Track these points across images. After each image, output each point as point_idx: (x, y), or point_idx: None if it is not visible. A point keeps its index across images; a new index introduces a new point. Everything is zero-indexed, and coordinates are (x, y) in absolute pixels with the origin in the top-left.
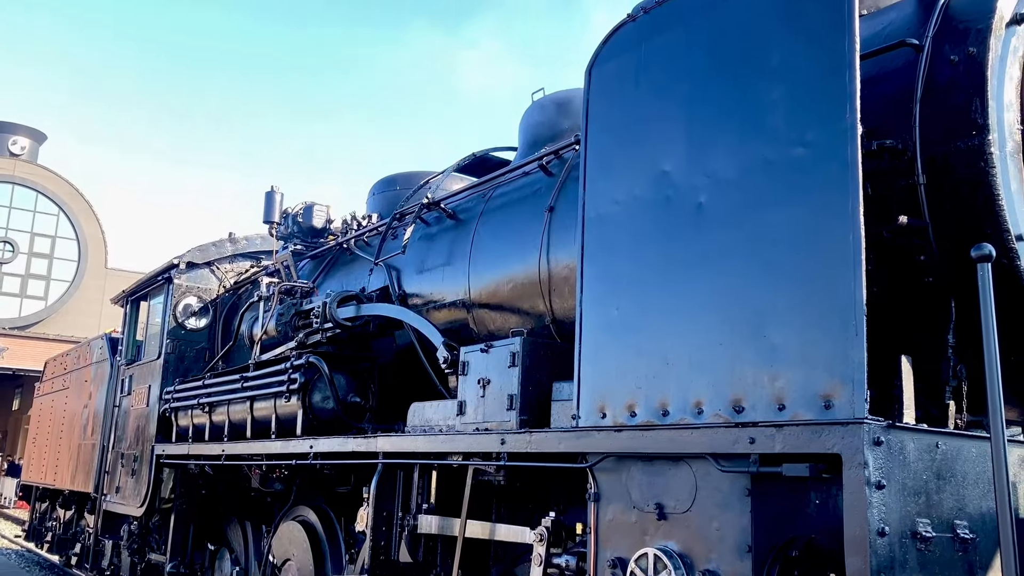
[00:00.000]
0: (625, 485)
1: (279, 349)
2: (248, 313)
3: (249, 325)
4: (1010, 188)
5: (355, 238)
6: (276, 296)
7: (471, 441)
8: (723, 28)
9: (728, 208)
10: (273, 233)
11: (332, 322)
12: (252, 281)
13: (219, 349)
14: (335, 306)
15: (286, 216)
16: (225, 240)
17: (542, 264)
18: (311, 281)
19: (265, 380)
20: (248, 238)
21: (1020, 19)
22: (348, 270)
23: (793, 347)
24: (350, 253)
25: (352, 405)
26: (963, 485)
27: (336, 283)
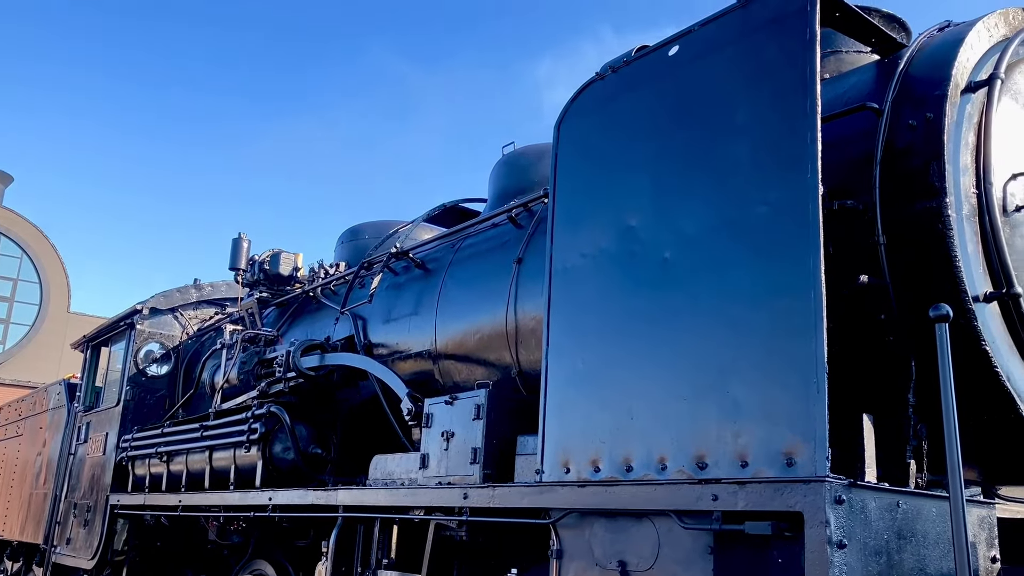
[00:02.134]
0: (588, 542)
1: (240, 398)
2: (210, 361)
3: (211, 373)
4: (967, 250)
5: (322, 286)
6: (239, 344)
7: (433, 495)
8: (689, 88)
9: (692, 264)
10: (239, 280)
11: (295, 371)
12: (216, 328)
13: (180, 397)
14: (299, 355)
15: (252, 263)
16: (190, 287)
17: (509, 316)
18: (276, 329)
19: (225, 429)
20: (213, 285)
21: (974, 87)
22: (314, 319)
23: (755, 404)
24: (316, 302)
25: (313, 456)
26: (923, 545)
27: (301, 332)
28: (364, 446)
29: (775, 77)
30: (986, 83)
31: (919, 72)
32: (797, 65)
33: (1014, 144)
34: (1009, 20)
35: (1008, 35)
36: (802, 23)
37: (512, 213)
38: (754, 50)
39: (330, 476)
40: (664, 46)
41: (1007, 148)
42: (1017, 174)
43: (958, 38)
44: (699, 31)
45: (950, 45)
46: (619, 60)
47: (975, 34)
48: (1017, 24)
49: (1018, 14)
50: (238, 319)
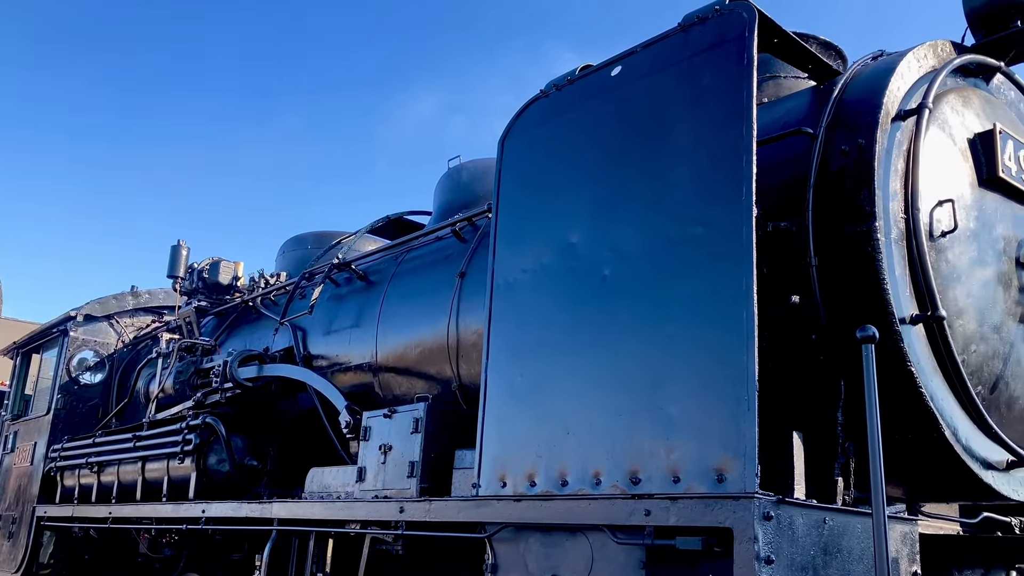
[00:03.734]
0: (523, 556)
1: (176, 408)
2: (146, 369)
3: (146, 382)
4: (895, 273)
5: (262, 296)
6: (176, 353)
7: (369, 509)
8: (631, 108)
9: (631, 281)
10: (177, 288)
11: (232, 382)
12: (152, 337)
13: (114, 406)
14: (236, 365)
15: (191, 271)
16: (127, 294)
17: (451, 329)
18: (214, 339)
19: (159, 440)
20: (151, 292)
21: (904, 115)
22: (253, 329)
23: (688, 419)
24: (256, 312)
25: (249, 468)
26: (848, 560)
27: (240, 342)
28: (302, 459)
29: (713, 100)
30: (915, 112)
31: (852, 99)
32: (735, 89)
33: (940, 172)
34: (938, 52)
35: (937, 66)
36: (740, 48)
37: (456, 227)
38: (694, 73)
39: (266, 488)
40: (607, 66)
41: (934, 175)
42: (943, 201)
43: (890, 67)
44: (642, 52)
45: (882, 74)
46: (563, 78)
47: (906, 64)
48: (945, 56)
49: (946, 46)
50: (175, 328)
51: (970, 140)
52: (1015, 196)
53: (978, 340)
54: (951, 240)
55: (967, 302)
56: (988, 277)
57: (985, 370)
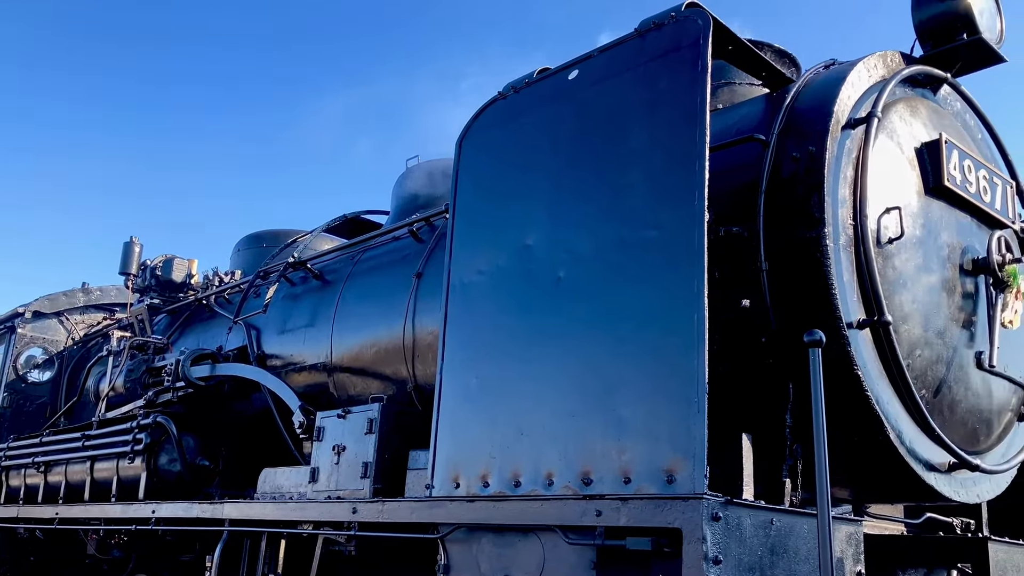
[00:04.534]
0: (475, 557)
1: (126, 407)
2: (96, 368)
3: (96, 380)
4: (843, 278)
5: (216, 295)
6: (127, 351)
7: (322, 509)
8: (587, 112)
9: (585, 283)
10: (129, 285)
11: (184, 381)
12: (103, 334)
13: (62, 405)
14: (188, 364)
15: (144, 268)
16: (78, 290)
17: (407, 330)
18: (166, 337)
19: (109, 439)
20: (103, 289)
21: (854, 123)
22: (206, 327)
23: (640, 421)
24: (209, 310)
25: (200, 468)
26: (795, 561)
27: (193, 340)
28: (255, 459)
29: (668, 105)
30: (864, 121)
31: (804, 107)
32: (689, 95)
33: (888, 179)
34: (887, 62)
35: (886, 76)
36: (695, 55)
37: (414, 227)
38: (649, 78)
39: (217, 489)
40: (564, 69)
41: (882, 183)
42: (890, 208)
43: (841, 76)
44: (599, 57)
45: (833, 83)
46: (521, 81)
47: (856, 73)
48: (894, 66)
49: (895, 57)
50: (127, 325)
51: (917, 149)
52: (959, 204)
53: (923, 345)
54: (898, 247)
55: (912, 307)
56: (933, 283)
57: (929, 374)
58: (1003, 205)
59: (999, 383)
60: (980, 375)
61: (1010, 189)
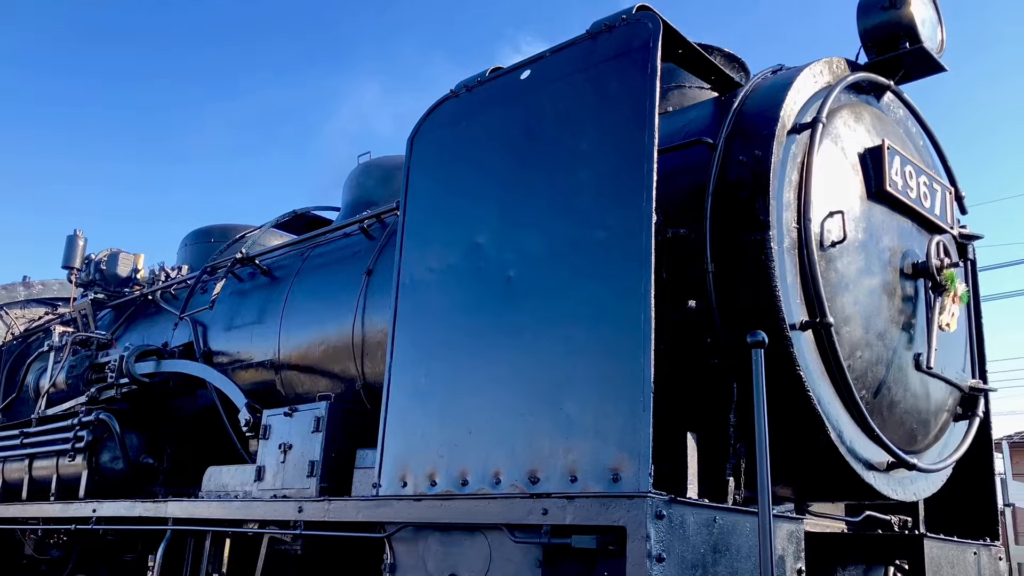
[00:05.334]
0: (422, 556)
1: (67, 404)
2: (36, 363)
3: (36, 376)
4: (786, 280)
5: (162, 290)
6: (69, 346)
7: (267, 508)
8: (539, 112)
9: (535, 283)
10: (73, 280)
11: (129, 377)
12: (44, 329)
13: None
14: (133, 360)
15: (88, 262)
16: (18, 284)
17: (356, 327)
18: (110, 333)
19: (48, 436)
20: (45, 283)
21: (800, 128)
22: (152, 323)
23: (587, 420)
24: (155, 306)
25: (144, 467)
26: (737, 558)
27: (138, 336)
28: (200, 457)
29: (618, 107)
30: (810, 126)
31: (751, 111)
32: (638, 98)
33: (832, 184)
34: (833, 68)
35: (832, 82)
36: (644, 58)
37: (364, 224)
38: (600, 80)
39: (161, 487)
40: (516, 69)
41: (826, 187)
42: (834, 212)
43: (787, 82)
44: (550, 57)
45: (780, 88)
46: (473, 80)
47: (802, 79)
48: (840, 72)
49: (841, 63)
50: (70, 320)
51: (860, 155)
52: (900, 209)
53: (863, 346)
54: (840, 250)
55: (854, 310)
56: (874, 286)
57: (869, 375)
58: (942, 210)
59: (936, 384)
60: (918, 376)
61: (949, 195)
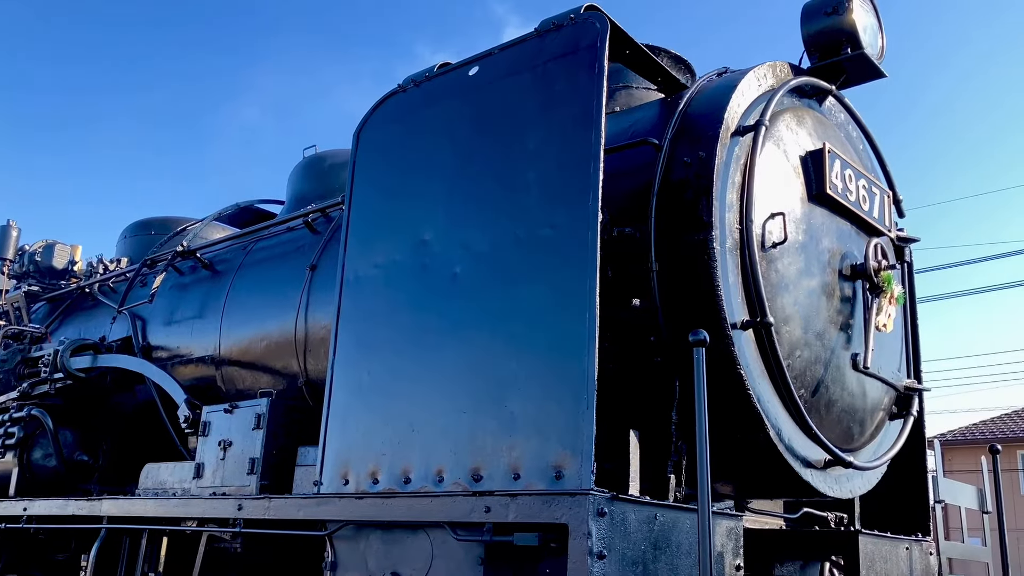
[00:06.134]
0: (363, 554)
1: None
2: None
3: None
4: (728, 280)
5: (100, 283)
6: (0, 340)
7: (206, 506)
8: (487, 108)
9: (480, 280)
10: (5, 271)
11: (63, 372)
12: None
13: None
14: (68, 355)
15: (22, 253)
16: None
17: (299, 323)
18: (44, 326)
19: None
20: None
21: (743, 131)
22: (88, 317)
23: (530, 418)
24: (93, 299)
25: (78, 464)
26: (677, 555)
27: (74, 330)
28: (138, 454)
29: (565, 106)
30: (753, 128)
31: (696, 113)
32: (585, 97)
33: (774, 186)
34: (777, 72)
35: (775, 85)
36: (592, 57)
37: (309, 218)
38: (548, 79)
39: (96, 485)
40: (465, 65)
41: (767, 189)
42: (775, 213)
43: (732, 84)
44: (499, 54)
45: (724, 90)
46: (421, 74)
47: (746, 82)
48: (783, 76)
49: (785, 67)
50: (1, 314)
51: (802, 158)
52: (840, 212)
53: (802, 346)
54: (781, 251)
55: (794, 310)
56: (813, 287)
57: (808, 374)
58: (880, 214)
59: (873, 384)
60: (855, 376)
61: (887, 199)
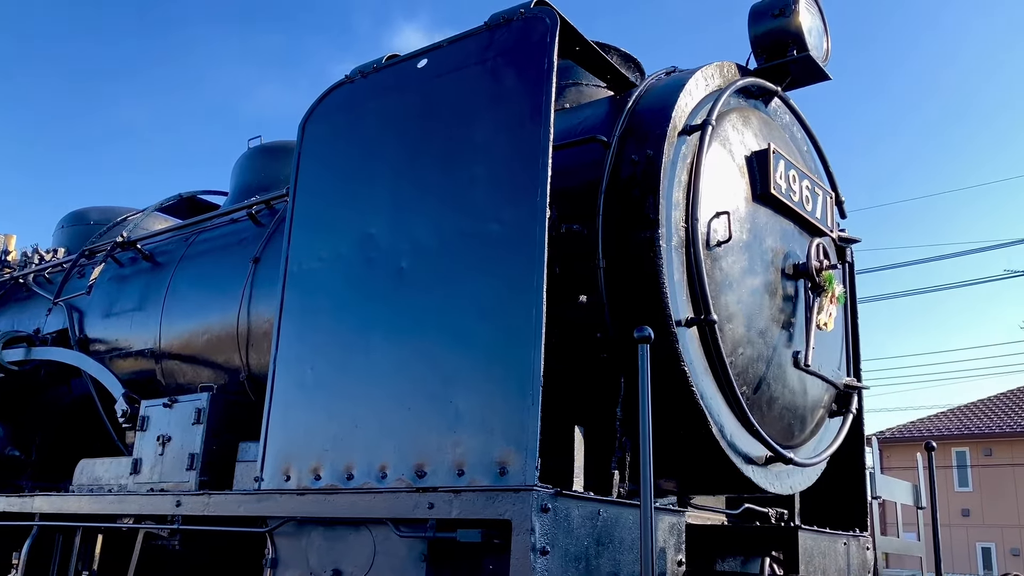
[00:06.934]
0: (304, 551)
1: None
2: None
3: None
4: (673, 278)
5: (35, 273)
6: None
7: (143, 502)
8: (435, 101)
9: (427, 275)
10: None
11: None
12: None
13: None
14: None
15: None
16: None
17: (242, 317)
18: None
19: None
20: None
21: (690, 130)
22: (22, 308)
23: (475, 414)
24: (27, 290)
25: (9, 459)
26: (620, 551)
27: (6, 322)
28: (73, 450)
29: (514, 101)
30: (700, 128)
31: (644, 111)
32: (534, 92)
33: (719, 185)
34: (724, 72)
35: (722, 85)
36: (541, 53)
37: (253, 209)
38: (497, 73)
39: (29, 481)
40: (414, 57)
41: (713, 188)
42: (720, 212)
43: (679, 83)
44: (448, 47)
45: (672, 89)
46: (369, 66)
47: (694, 82)
48: (730, 76)
49: (732, 67)
50: None
51: (747, 158)
52: (784, 212)
53: (745, 344)
54: (725, 250)
55: (737, 308)
56: (757, 285)
57: (750, 372)
58: (823, 214)
59: (813, 381)
60: (796, 373)
61: (830, 200)
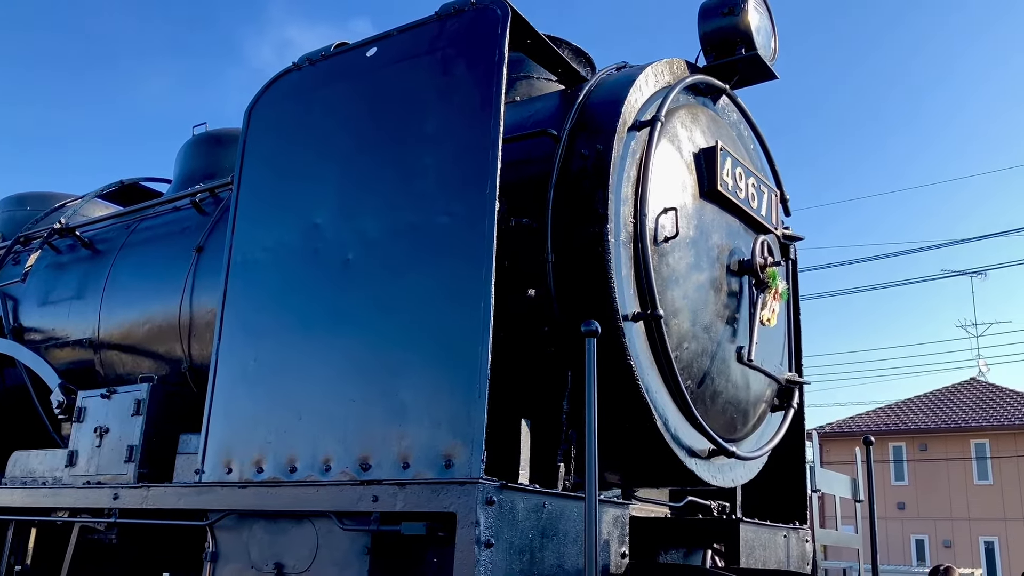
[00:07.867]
0: (246, 544)
1: None
2: None
3: None
4: (621, 273)
5: None
6: None
7: (79, 495)
8: (384, 91)
9: (373, 267)
10: None
11: None
12: None
13: None
14: None
15: None
16: None
17: (184, 307)
18: None
19: None
20: None
21: (639, 126)
22: None
23: (422, 407)
24: None
25: None
26: (564, 543)
27: None
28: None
29: (464, 93)
30: (649, 124)
31: (595, 106)
32: (484, 84)
33: (667, 181)
34: (674, 69)
35: (672, 82)
36: (492, 45)
37: (196, 198)
38: (447, 64)
39: None
40: (363, 46)
41: (661, 184)
42: (668, 208)
43: (630, 79)
44: (398, 36)
45: (622, 85)
46: (317, 53)
47: (644, 78)
48: (680, 73)
49: (682, 64)
50: None
51: (695, 154)
52: (730, 209)
53: (690, 338)
54: (672, 245)
55: (683, 303)
56: (702, 281)
57: (695, 366)
58: (768, 212)
59: (756, 376)
60: (740, 368)
61: (775, 197)
